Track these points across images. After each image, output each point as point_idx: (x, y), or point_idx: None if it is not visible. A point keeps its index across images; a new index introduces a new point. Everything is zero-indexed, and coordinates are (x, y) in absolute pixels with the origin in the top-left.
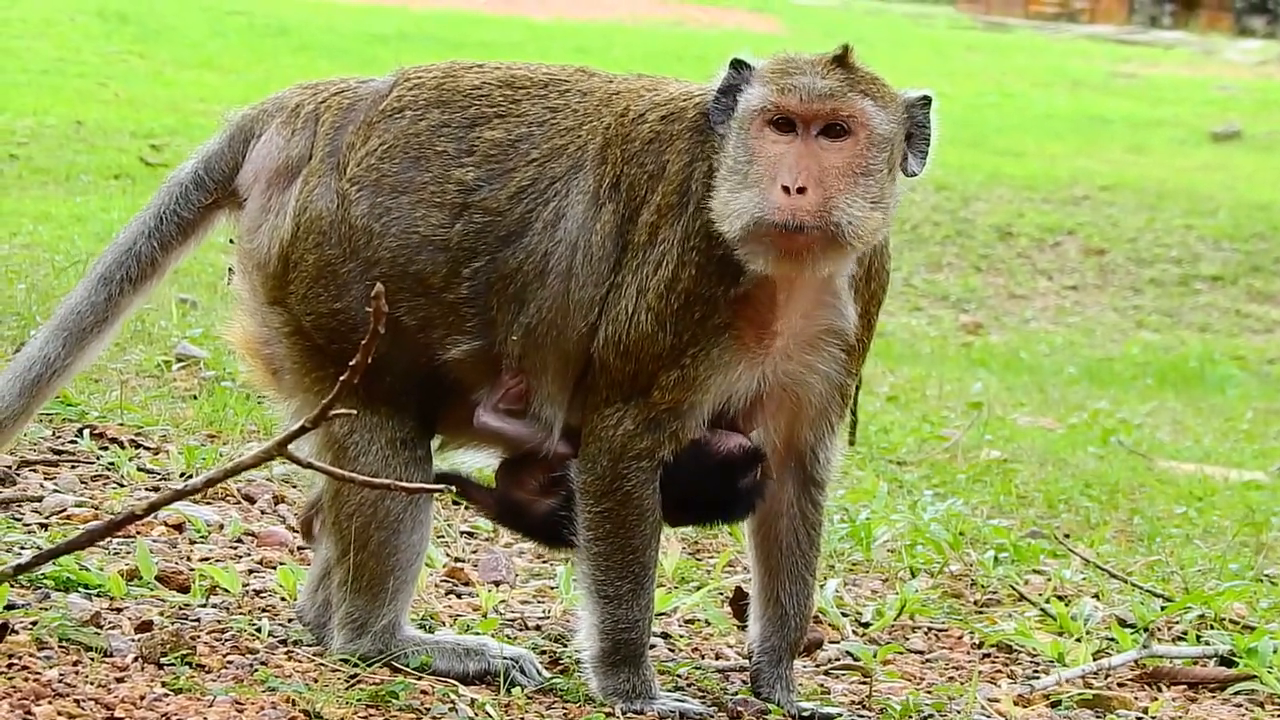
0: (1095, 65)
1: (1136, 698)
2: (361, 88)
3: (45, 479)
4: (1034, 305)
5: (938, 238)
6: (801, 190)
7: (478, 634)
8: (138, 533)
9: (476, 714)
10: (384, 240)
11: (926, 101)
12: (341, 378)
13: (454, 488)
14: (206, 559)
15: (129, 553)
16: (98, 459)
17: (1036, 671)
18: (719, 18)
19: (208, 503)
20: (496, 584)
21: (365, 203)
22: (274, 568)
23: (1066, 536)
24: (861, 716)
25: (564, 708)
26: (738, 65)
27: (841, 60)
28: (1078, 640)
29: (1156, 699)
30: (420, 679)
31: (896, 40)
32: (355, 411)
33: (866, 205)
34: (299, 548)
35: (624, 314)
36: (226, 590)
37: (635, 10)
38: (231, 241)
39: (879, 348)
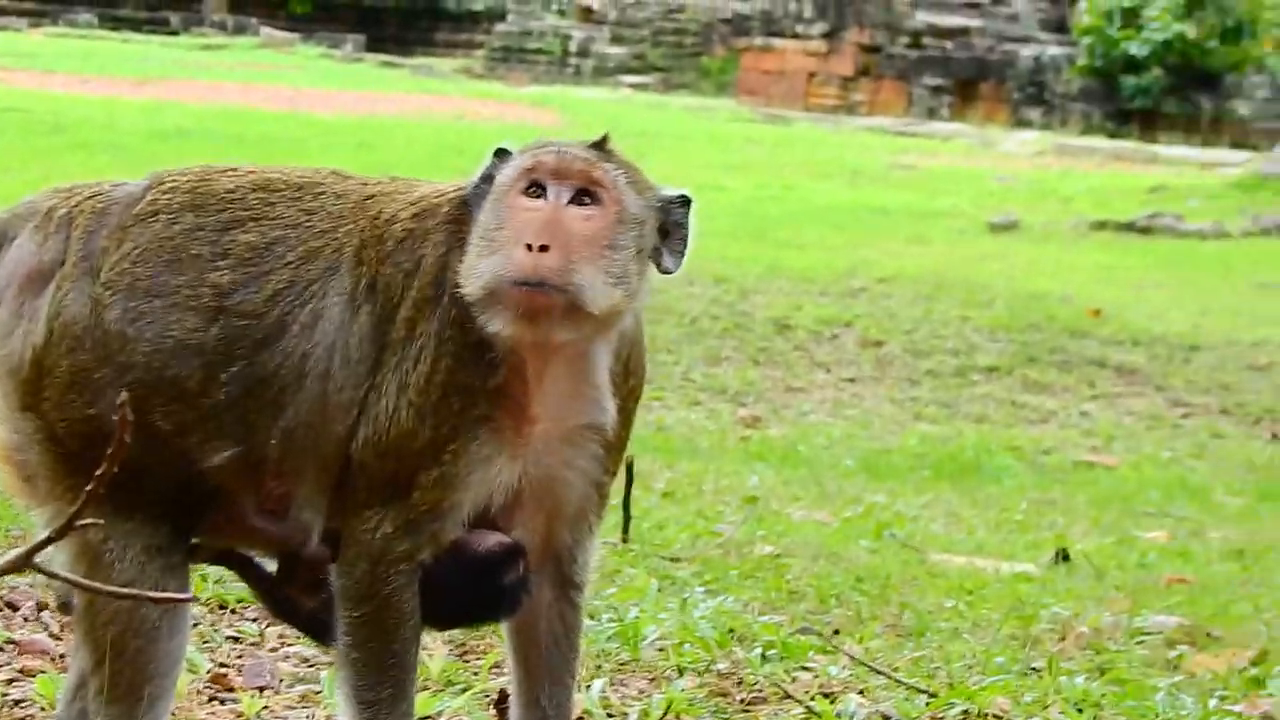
0: (874, 157)
1: None
2: (115, 191)
3: None
4: (812, 398)
5: (716, 331)
6: (545, 249)
7: None
8: None
9: None
10: (138, 345)
11: (685, 201)
12: (87, 488)
13: (199, 599)
14: None
15: None
16: None
17: None
18: (501, 111)
19: None
20: (261, 689)
21: (119, 307)
22: (34, 677)
23: (836, 632)
24: None
25: None
26: (500, 153)
27: (600, 145)
28: None
29: None
30: None
31: (678, 133)
32: (102, 521)
33: (608, 276)
34: (60, 655)
35: (384, 413)
36: None
37: (416, 105)
38: None
39: (657, 442)
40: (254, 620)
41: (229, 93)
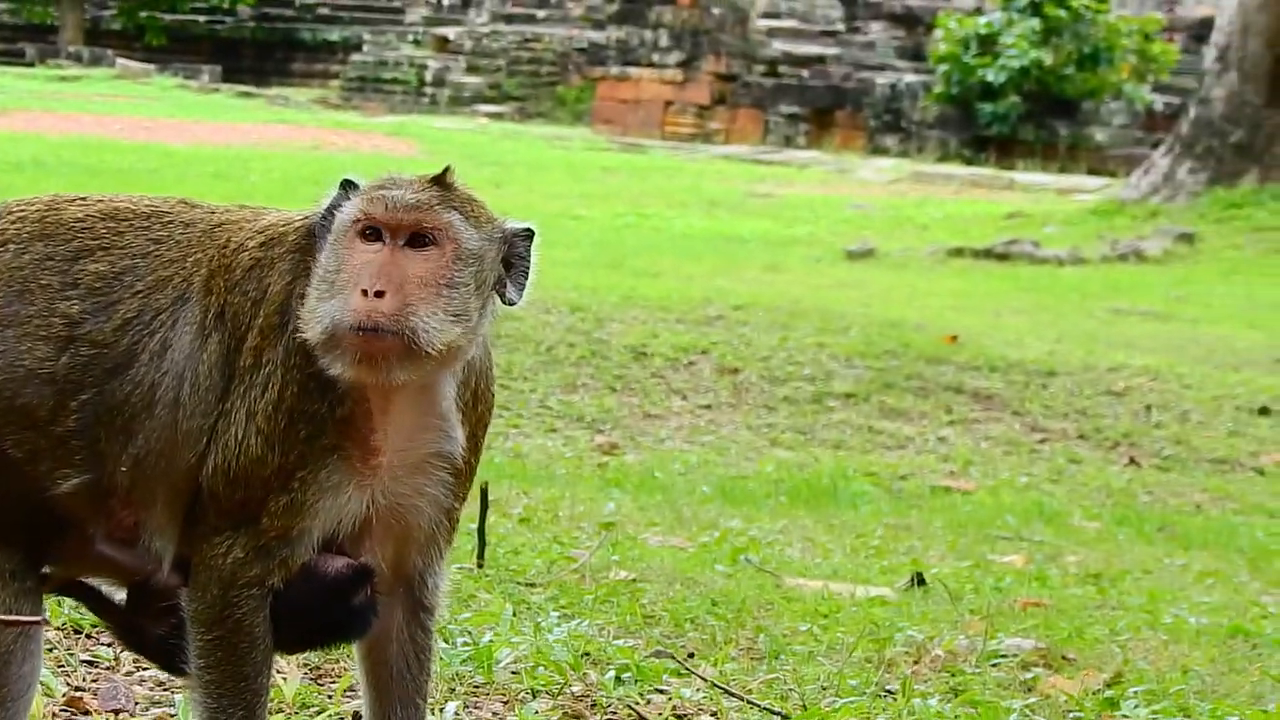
0: (731, 185)
1: None
2: None
3: None
4: (669, 425)
5: (573, 358)
6: (380, 294)
7: None
8: None
9: None
10: None
11: (529, 234)
12: None
13: (48, 622)
14: None
15: None
16: None
17: None
18: (356, 141)
19: None
20: (116, 713)
21: None
22: None
23: (690, 655)
24: None
25: None
26: (346, 185)
27: (439, 180)
28: None
29: None
30: None
31: (534, 162)
32: None
33: (445, 316)
34: None
35: (233, 440)
36: None
37: (272, 135)
38: None
39: (514, 469)
40: (109, 645)
41: (85, 124)
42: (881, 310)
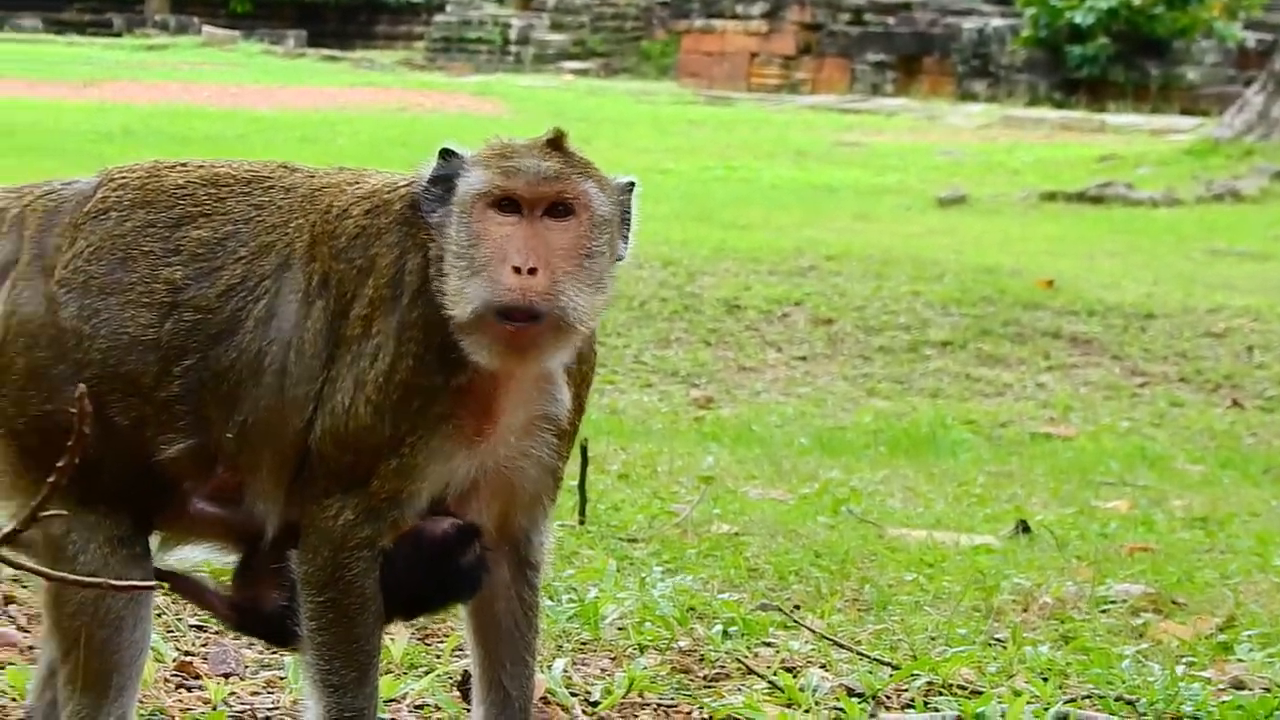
0: (819, 135)
1: None
2: (65, 190)
3: None
4: (764, 377)
5: (665, 313)
6: (532, 271)
7: None
8: None
9: None
10: (94, 342)
11: (631, 187)
12: (49, 480)
13: (165, 586)
14: None
15: None
16: None
17: None
18: (442, 102)
19: None
20: (226, 676)
21: (74, 305)
22: (3, 668)
23: (796, 608)
24: None
25: None
26: (446, 154)
27: (556, 144)
28: (806, 711)
29: None
30: None
31: (621, 118)
32: (65, 513)
33: (592, 289)
34: (29, 647)
35: (340, 407)
36: None
37: (358, 98)
38: None
39: (611, 425)
40: None
41: (172, 92)
42: (975, 256)
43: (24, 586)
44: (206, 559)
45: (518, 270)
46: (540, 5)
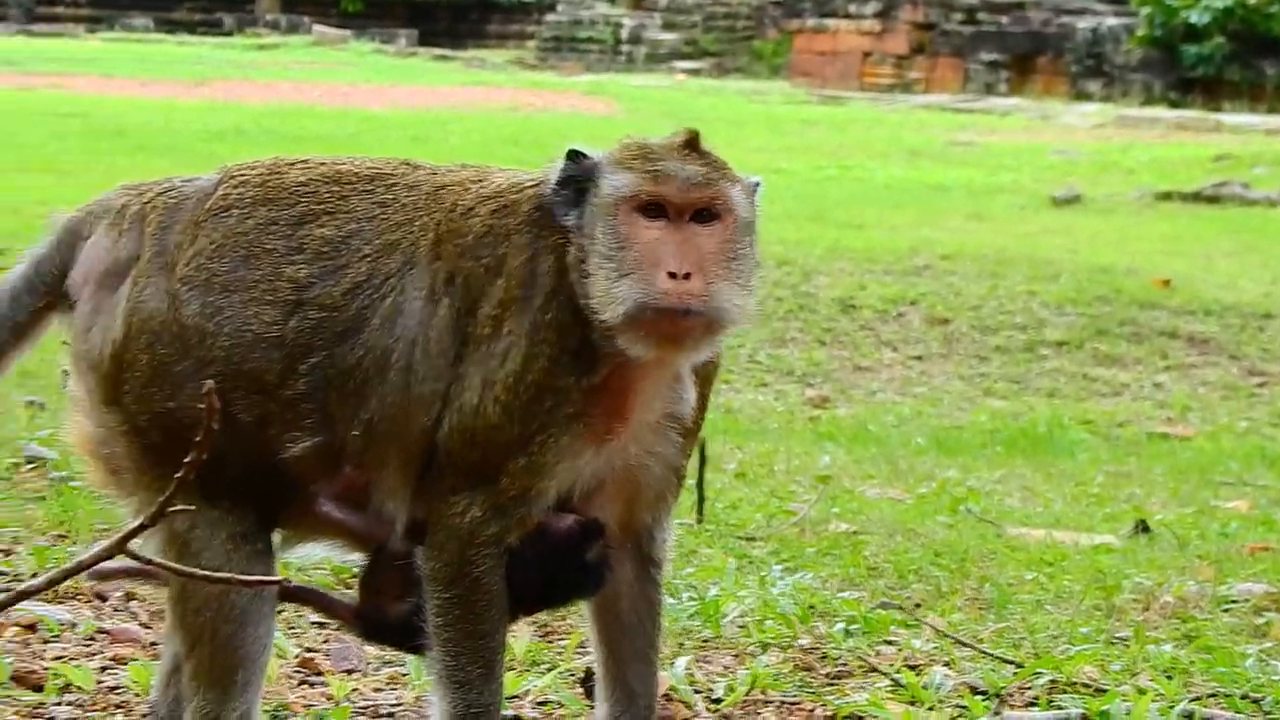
0: (932, 134)
1: None
2: (186, 187)
3: None
4: (880, 377)
5: (780, 313)
6: (687, 276)
7: None
8: None
9: None
10: (217, 339)
11: (757, 187)
12: (177, 475)
13: (291, 582)
14: (60, 657)
15: None
16: None
17: None
18: (554, 101)
19: (60, 602)
20: (349, 672)
21: (196, 302)
22: (127, 664)
23: (917, 606)
24: None
25: None
26: (575, 155)
27: (693, 145)
28: (930, 709)
29: None
30: None
31: (734, 118)
32: (194, 507)
33: (742, 290)
34: (151, 643)
35: (469, 405)
36: (80, 688)
37: (469, 97)
38: (65, 343)
39: (727, 424)
40: None
41: (284, 91)
42: (1091, 256)
43: (146, 584)
44: (327, 556)
45: (673, 275)
46: (652, 5)
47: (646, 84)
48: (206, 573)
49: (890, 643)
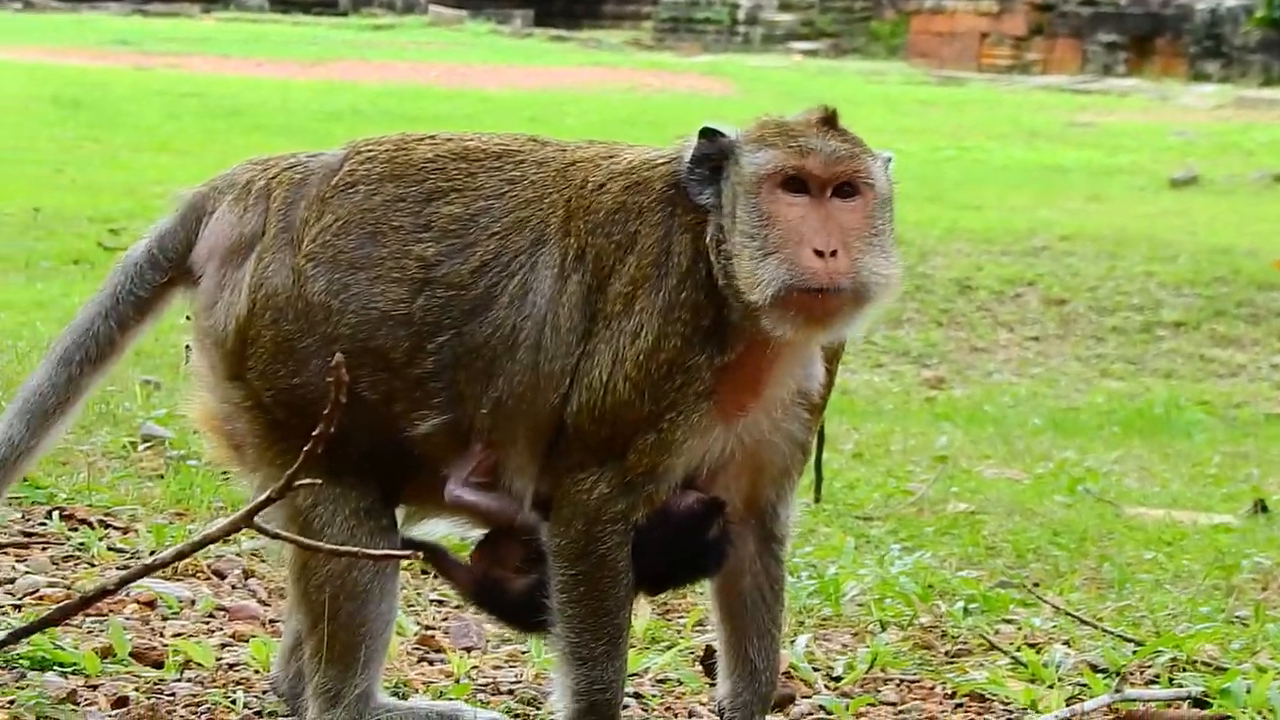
0: (1051, 115)
1: None
2: (312, 162)
3: (16, 561)
4: (996, 358)
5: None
6: (833, 253)
7: (451, 700)
8: (110, 610)
9: None
10: (343, 316)
11: (889, 161)
12: (305, 448)
13: (420, 556)
14: (179, 634)
15: (102, 630)
16: (68, 540)
17: (1010, 719)
18: (671, 82)
19: (179, 579)
20: (468, 650)
21: (322, 279)
22: (246, 641)
23: (1036, 585)
24: None
25: None
26: (709, 134)
27: (830, 122)
28: (1050, 687)
29: None
30: None
31: (851, 98)
32: (320, 481)
33: (887, 265)
34: (270, 620)
35: (598, 382)
36: (200, 664)
37: (587, 78)
38: (188, 319)
39: (843, 405)
40: None
41: (400, 72)
42: (1209, 237)
43: (263, 561)
44: (450, 533)
45: (819, 253)
46: None
47: (764, 64)
48: (333, 546)
49: (1010, 621)
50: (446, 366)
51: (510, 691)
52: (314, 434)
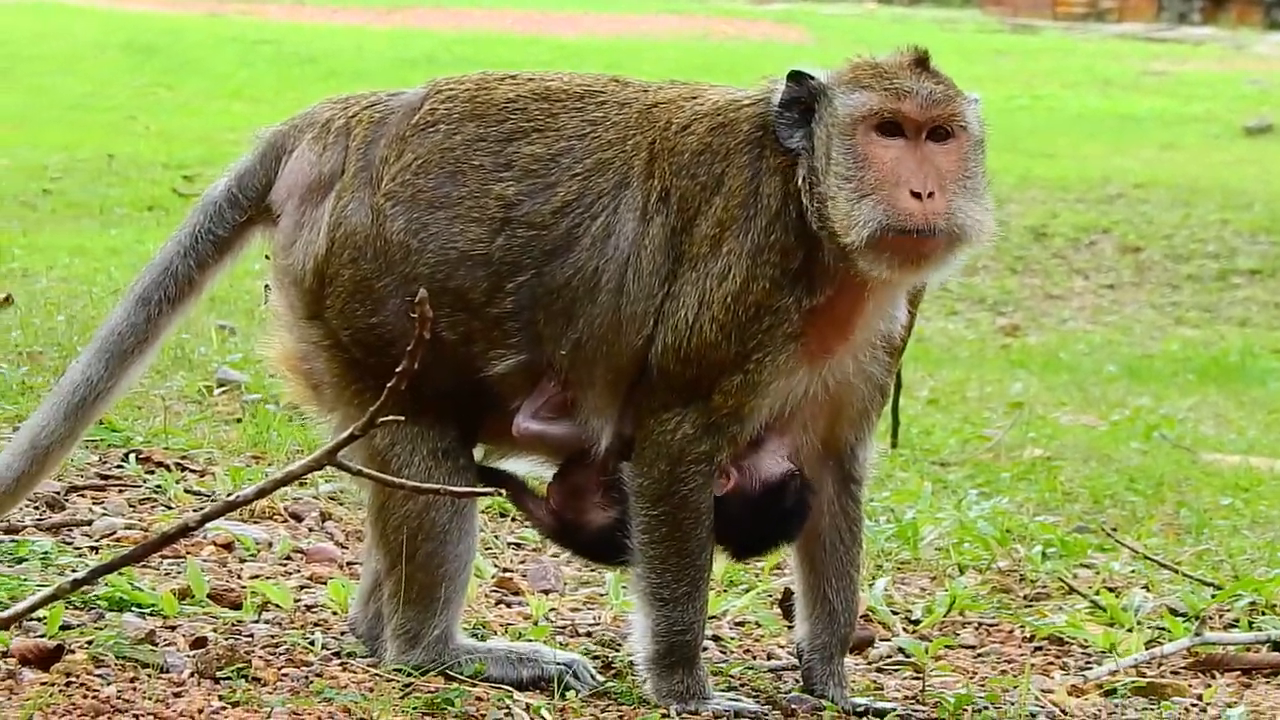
0: (1125, 64)
1: (1190, 685)
2: (392, 101)
3: (93, 503)
4: (1071, 305)
5: None
6: (930, 195)
7: (530, 641)
8: (188, 552)
9: (532, 719)
10: (422, 256)
11: (977, 103)
12: (389, 384)
13: (503, 493)
14: (257, 576)
15: (179, 572)
16: (144, 482)
17: (1088, 663)
18: (745, 29)
19: (255, 521)
20: (546, 592)
21: (401, 218)
22: (324, 583)
23: (1114, 530)
24: (915, 711)
25: (618, 710)
26: (798, 77)
27: (923, 64)
28: (1129, 630)
29: (1210, 686)
30: (475, 686)
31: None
32: (403, 417)
33: (981, 208)
34: (347, 562)
35: (684, 323)
36: (278, 606)
37: (663, 25)
38: (267, 258)
39: (918, 352)
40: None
41: (476, 19)
42: None
43: (340, 503)
44: (529, 472)
45: (915, 195)
46: None
47: (838, 12)
48: (415, 483)
49: (1087, 566)
50: (525, 307)
51: (588, 634)
52: (398, 370)
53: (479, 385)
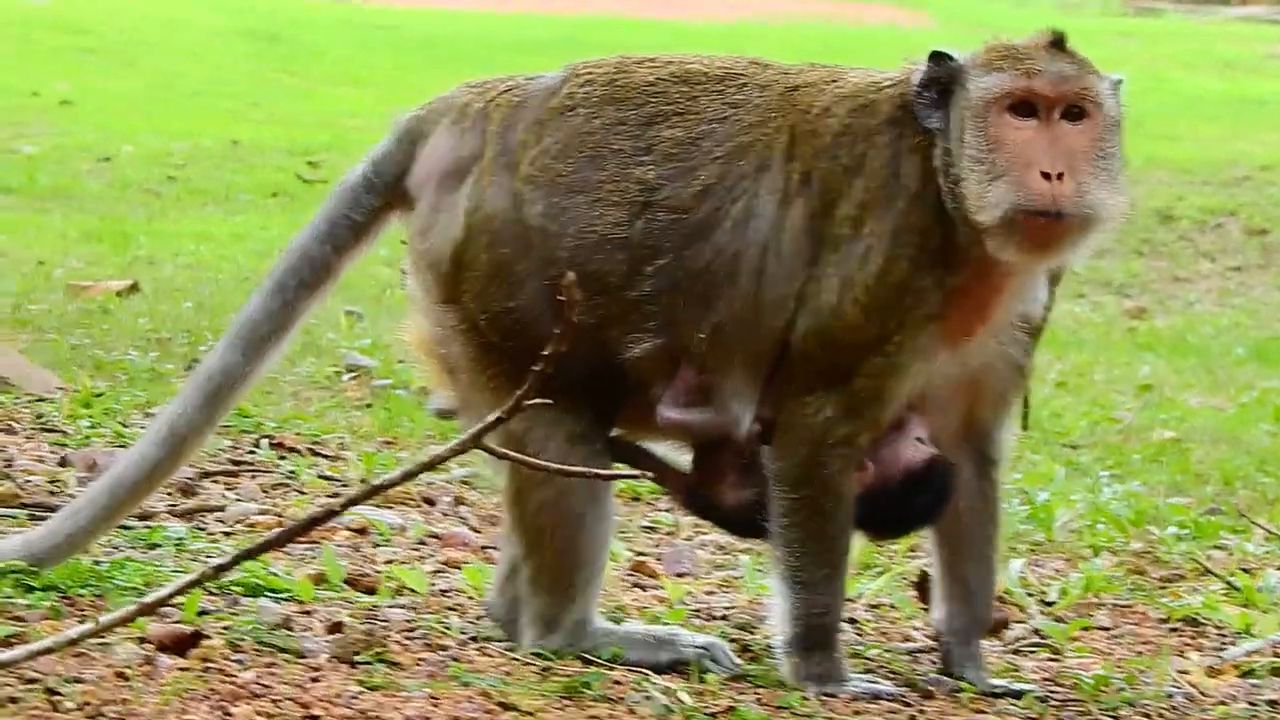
0: (1248, 47)
1: None
2: (530, 85)
3: (226, 489)
4: (1197, 288)
5: None
6: (1060, 176)
7: (667, 625)
8: (323, 537)
9: (671, 702)
10: (561, 240)
11: (1120, 83)
12: (535, 368)
13: (647, 475)
14: (391, 561)
15: (314, 558)
16: (277, 468)
17: (1224, 643)
18: (868, 13)
19: (389, 507)
20: (681, 576)
21: (541, 203)
22: (459, 568)
23: (1246, 512)
24: (1053, 692)
25: (757, 693)
26: (938, 58)
27: (1059, 44)
28: (1265, 611)
29: None
30: (613, 670)
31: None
32: (550, 401)
33: (1114, 189)
34: (483, 547)
35: (826, 306)
36: (414, 590)
37: (784, 9)
38: (403, 243)
39: (1045, 335)
40: (667, 510)
41: (597, 3)
42: None
43: (474, 488)
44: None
45: (1046, 176)
46: None
47: None
48: (560, 466)
49: (1220, 547)
50: (663, 290)
51: (724, 617)
52: (544, 353)
53: (615, 369)
